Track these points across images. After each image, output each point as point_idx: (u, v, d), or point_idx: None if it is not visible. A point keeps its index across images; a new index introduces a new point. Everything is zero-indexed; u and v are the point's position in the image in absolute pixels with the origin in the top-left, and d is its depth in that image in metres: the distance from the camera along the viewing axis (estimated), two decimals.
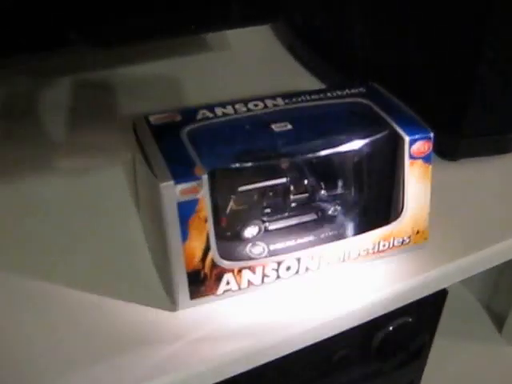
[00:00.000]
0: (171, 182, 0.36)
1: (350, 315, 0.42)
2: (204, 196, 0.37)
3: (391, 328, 0.59)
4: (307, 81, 0.67)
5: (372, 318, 0.43)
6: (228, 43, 0.75)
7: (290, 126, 0.42)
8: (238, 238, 0.42)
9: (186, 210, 0.37)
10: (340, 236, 0.43)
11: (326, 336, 0.42)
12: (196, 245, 0.38)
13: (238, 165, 0.40)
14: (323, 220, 0.44)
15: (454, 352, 0.79)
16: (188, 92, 0.65)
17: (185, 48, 0.73)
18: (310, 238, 0.43)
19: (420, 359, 0.64)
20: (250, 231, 0.42)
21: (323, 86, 0.62)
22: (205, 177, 0.37)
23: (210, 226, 0.38)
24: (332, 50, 0.65)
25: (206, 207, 0.37)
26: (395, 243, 0.44)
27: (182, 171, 0.37)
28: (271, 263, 0.41)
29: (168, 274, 0.39)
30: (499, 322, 0.85)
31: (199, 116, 0.42)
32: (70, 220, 0.48)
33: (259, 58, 0.74)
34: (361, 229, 0.44)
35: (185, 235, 0.38)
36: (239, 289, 0.41)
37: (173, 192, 0.36)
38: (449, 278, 0.47)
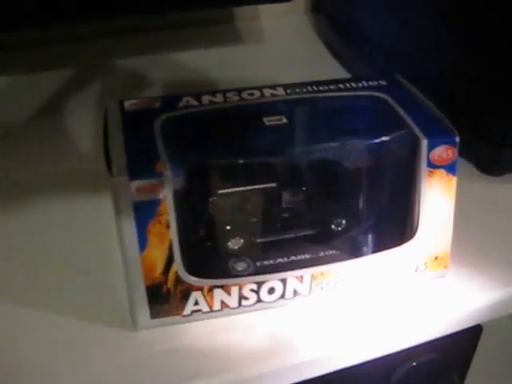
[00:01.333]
0: (125, 178, 0.30)
1: (342, 352, 0.35)
2: (166, 197, 0.31)
3: (414, 364, 0.51)
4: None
5: (372, 358, 0.36)
6: (262, 36, 0.70)
7: (285, 120, 0.35)
8: (219, 250, 0.36)
9: (144, 213, 0.31)
10: (342, 256, 0.36)
11: (315, 374, 0.35)
12: (157, 254, 0.32)
13: (218, 162, 0.33)
14: (323, 235, 0.37)
15: None
16: (216, 84, 0.60)
17: (217, 39, 0.68)
18: (306, 255, 0.36)
19: None
20: (234, 243, 0.36)
21: None
22: (167, 174, 0.30)
23: (173, 233, 0.32)
24: (371, 48, 0.59)
25: (168, 210, 0.31)
26: (407, 269, 0.36)
27: (141, 165, 0.31)
28: (250, 284, 0.34)
29: (128, 288, 0.33)
30: None
31: (181, 103, 0.36)
32: (47, 226, 0.43)
33: (293, 52, 0.68)
34: (368, 249, 0.37)
35: (143, 242, 0.31)
36: (211, 311, 0.34)
37: (128, 189, 0.30)
38: (475, 316, 0.39)
